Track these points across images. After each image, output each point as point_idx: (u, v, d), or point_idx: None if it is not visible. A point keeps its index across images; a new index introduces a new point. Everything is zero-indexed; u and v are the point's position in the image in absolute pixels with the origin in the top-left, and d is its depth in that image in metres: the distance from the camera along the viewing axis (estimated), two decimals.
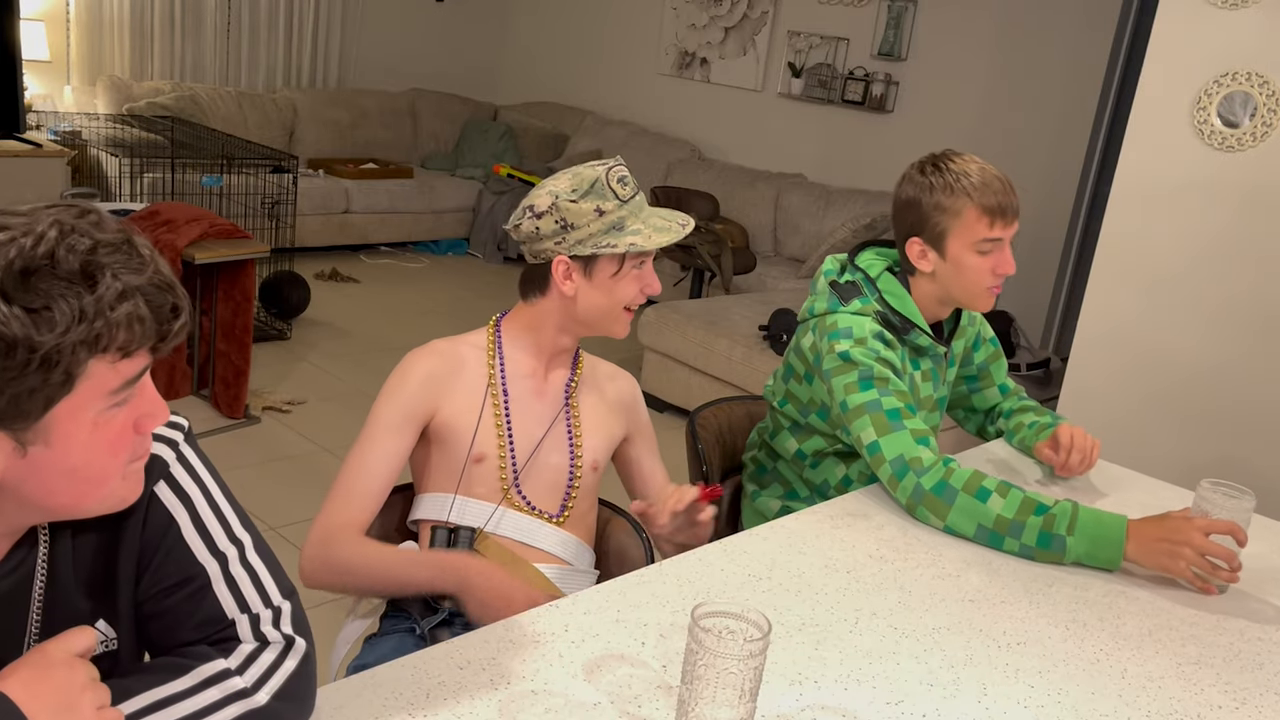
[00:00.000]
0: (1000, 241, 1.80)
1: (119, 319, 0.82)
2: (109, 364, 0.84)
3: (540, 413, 1.66)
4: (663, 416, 4.48)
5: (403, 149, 7.04)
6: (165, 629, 1.01)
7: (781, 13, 6.21)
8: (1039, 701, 1.24)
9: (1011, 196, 1.80)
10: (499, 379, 1.63)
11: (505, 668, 1.17)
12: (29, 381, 0.80)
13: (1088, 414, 3.03)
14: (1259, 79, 2.65)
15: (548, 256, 1.58)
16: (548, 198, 1.55)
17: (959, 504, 1.64)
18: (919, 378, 1.92)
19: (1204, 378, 2.82)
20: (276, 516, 3.16)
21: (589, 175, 1.55)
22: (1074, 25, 5.08)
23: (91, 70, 6.03)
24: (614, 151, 6.74)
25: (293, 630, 1.02)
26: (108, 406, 0.85)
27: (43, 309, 0.79)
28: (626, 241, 1.55)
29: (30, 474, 0.85)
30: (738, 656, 1.01)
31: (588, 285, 1.58)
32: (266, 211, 4.94)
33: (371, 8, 7.06)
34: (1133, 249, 2.91)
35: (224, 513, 1.03)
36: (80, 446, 0.85)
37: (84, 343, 0.81)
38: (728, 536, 1.59)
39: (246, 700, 0.96)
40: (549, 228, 1.55)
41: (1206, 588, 1.58)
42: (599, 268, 1.57)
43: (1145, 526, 1.60)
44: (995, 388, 2.14)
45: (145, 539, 0.99)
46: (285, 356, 4.54)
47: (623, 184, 1.56)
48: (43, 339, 0.79)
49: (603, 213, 1.54)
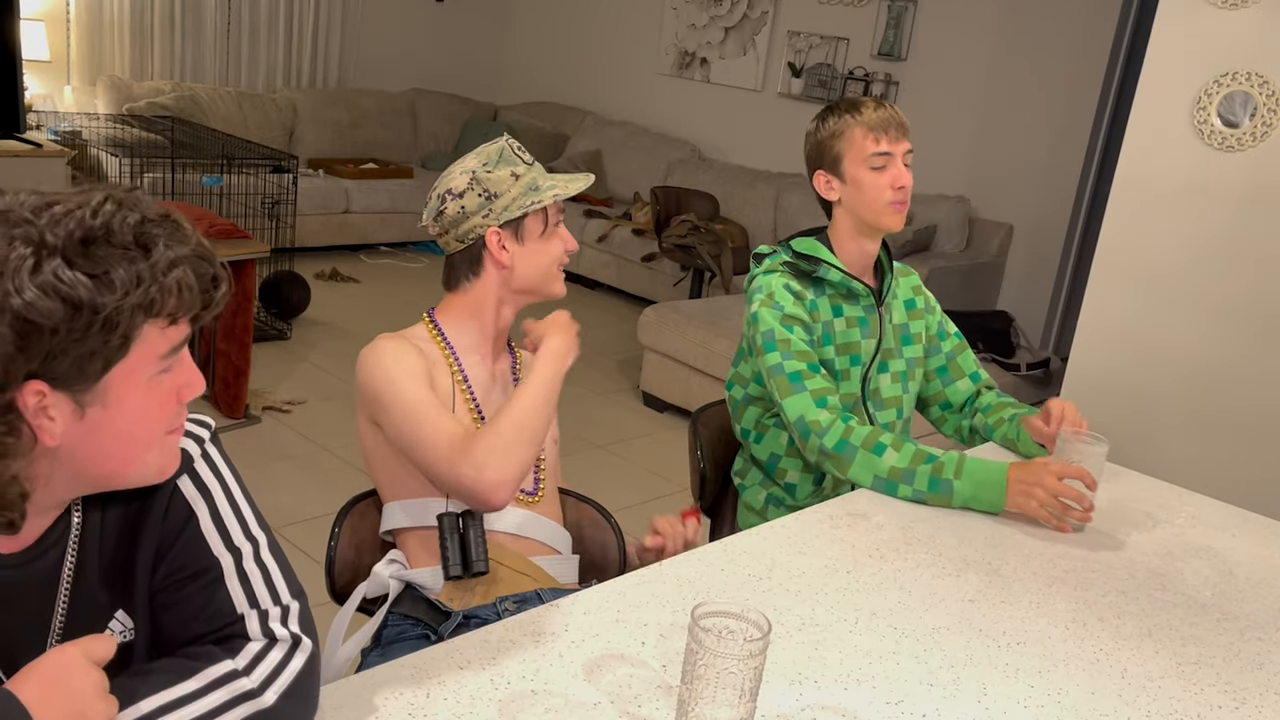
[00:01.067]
0: (890, 155, 1.93)
1: (170, 285, 0.88)
2: (159, 329, 0.89)
3: (498, 400, 1.67)
4: (663, 416, 4.48)
5: (403, 149, 7.04)
6: (176, 620, 1.02)
7: (781, 13, 6.21)
8: (1039, 701, 1.24)
9: (893, 114, 1.94)
10: (459, 370, 1.65)
11: (505, 668, 1.17)
12: (91, 343, 0.85)
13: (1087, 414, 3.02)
14: (1259, 79, 2.65)
15: (477, 234, 1.62)
16: (464, 177, 1.62)
17: (858, 460, 1.81)
18: (841, 324, 1.99)
19: (1204, 377, 2.82)
20: (277, 516, 3.16)
21: (493, 149, 1.64)
22: (1074, 25, 5.08)
23: (91, 70, 6.03)
24: (614, 151, 6.74)
25: (300, 629, 1.03)
26: (157, 371, 0.91)
27: (103, 274, 0.84)
28: (550, 195, 1.62)
29: (86, 436, 0.89)
30: (738, 656, 1.01)
31: (521, 250, 1.64)
32: (266, 211, 4.94)
33: (371, 8, 7.06)
34: (1132, 249, 2.91)
35: (242, 510, 1.06)
36: (133, 408, 0.90)
37: (140, 306, 0.86)
38: (727, 537, 1.59)
39: (254, 701, 0.97)
40: (473, 203, 1.61)
41: (1060, 526, 1.73)
42: (528, 230, 1.63)
43: (1014, 470, 1.75)
44: (966, 378, 2.16)
45: (165, 529, 1.02)
46: (285, 356, 4.54)
47: (522, 150, 1.66)
48: (104, 301, 0.84)
49: (517, 176, 1.62)
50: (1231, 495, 2.74)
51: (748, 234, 5.81)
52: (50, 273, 0.83)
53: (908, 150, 1.95)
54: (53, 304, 0.82)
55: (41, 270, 0.83)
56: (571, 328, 1.66)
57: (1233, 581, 1.64)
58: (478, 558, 1.53)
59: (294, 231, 4.98)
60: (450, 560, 1.53)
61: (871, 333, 2.02)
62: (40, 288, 0.82)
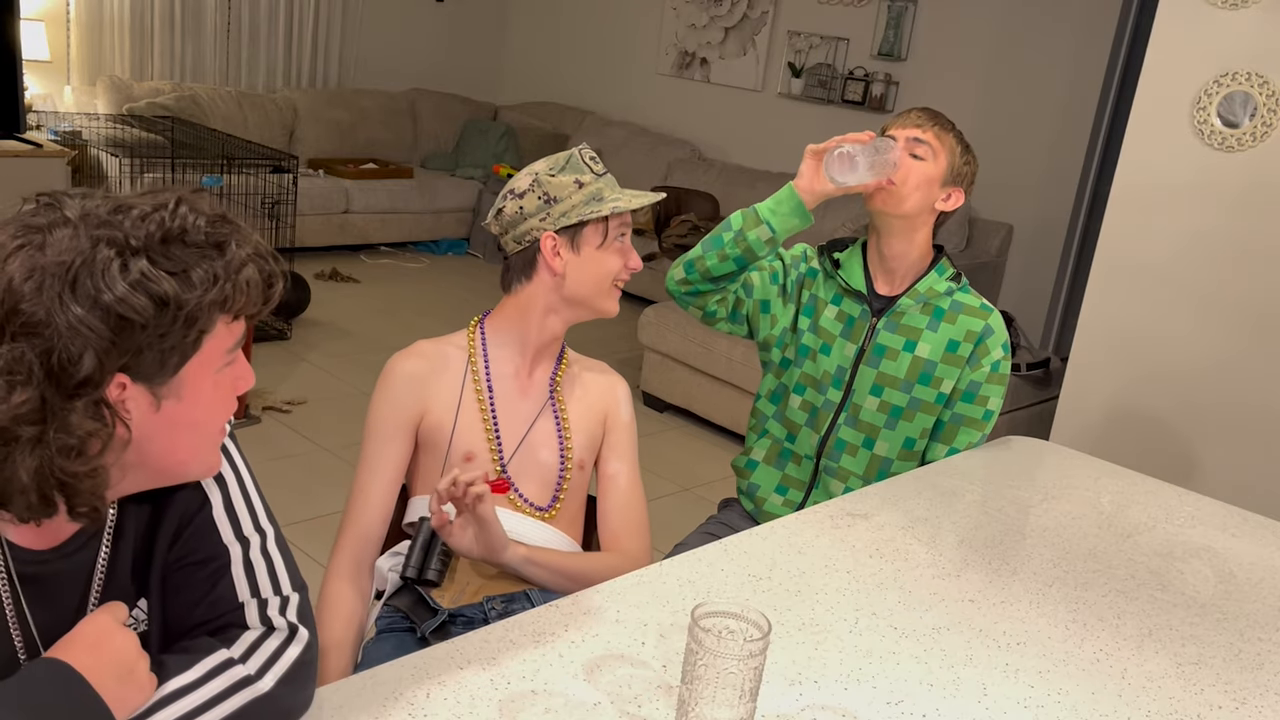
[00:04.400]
0: (893, 139, 1.94)
1: (242, 282, 0.93)
2: (226, 324, 0.94)
3: (525, 410, 1.66)
4: (663, 416, 4.48)
5: (403, 149, 7.04)
6: (180, 605, 1.04)
7: (781, 13, 6.21)
8: (1039, 701, 1.24)
9: (914, 116, 1.97)
10: (483, 376, 1.64)
11: (505, 668, 1.17)
12: (173, 338, 0.89)
13: (1087, 413, 3.03)
14: (1259, 79, 2.65)
15: (533, 237, 1.60)
16: (527, 177, 1.61)
17: (679, 261, 2.00)
18: (832, 313, 2.01)
19: (1204, 377, 2.82)
20: (278, 516, 3.15)
21: (563, 155, 1.62)
22: (1074, 25, 5.08)
23: (91, 70, 6.03)
24: (614, 151, 6.74)
25: (297, 619, 1.05)
26: (223, 365, 0.96)
27: (183, 272, 0.89)
28: (609, 206, 1.60)
29: (160, 429, 0.93)
30: (738, 656, 1.01)
31: (576, 259, 1.61)
32: (266, 211, 4.93)
33: (371, 8, 7.06)
34: (1132, 248, 2.91)
35: (253, 502, 1.10)
36: (205, 401, 0.95)
37: (216, 302, 0.91)
38: (727, 536, 1.59)
39: (252, 687, 0.98)
40: (532, 205, 1.59)
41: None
42: (585, 239, 1.61)
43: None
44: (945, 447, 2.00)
45: (181, 517, 1.04)
46: (285, 356, 4.54)
47: (594, 161, 1.63)
48: (187, 297, 0.89)
49: (581, 184, 1.60)
50: (1231, 495, 2.74)
51: None
52: (138, 271, 0.87)
53: (914, 138, 1.93)
54: (142, 300, 0.87)
55: (130, 269, 0.87)
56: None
57: (1233, 581, 1.64)
58: (431, 567, 1.53)
59: (294, 231, 4.98)
60: (410, 562, 1.54)
61: (854, 337, 1.99)
62: (131, 285, 0.86)
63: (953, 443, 2.00)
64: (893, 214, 1.93)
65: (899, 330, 1.98)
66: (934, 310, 1.98)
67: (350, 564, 1.58)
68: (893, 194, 1.91)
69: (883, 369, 1.97)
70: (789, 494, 2.07)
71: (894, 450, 2.00)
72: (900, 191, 1.91)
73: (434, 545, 1.55)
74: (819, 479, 2.05)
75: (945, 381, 1.97)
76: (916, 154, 1.91)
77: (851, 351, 1.99)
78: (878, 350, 1.98)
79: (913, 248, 1.97)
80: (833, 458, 2.02)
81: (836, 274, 2.02)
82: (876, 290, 2.01)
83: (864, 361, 1.99)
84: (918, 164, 1.91)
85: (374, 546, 1.60)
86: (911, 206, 1.92)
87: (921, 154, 1.91)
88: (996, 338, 1.97)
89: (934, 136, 1.92)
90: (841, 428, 2.00)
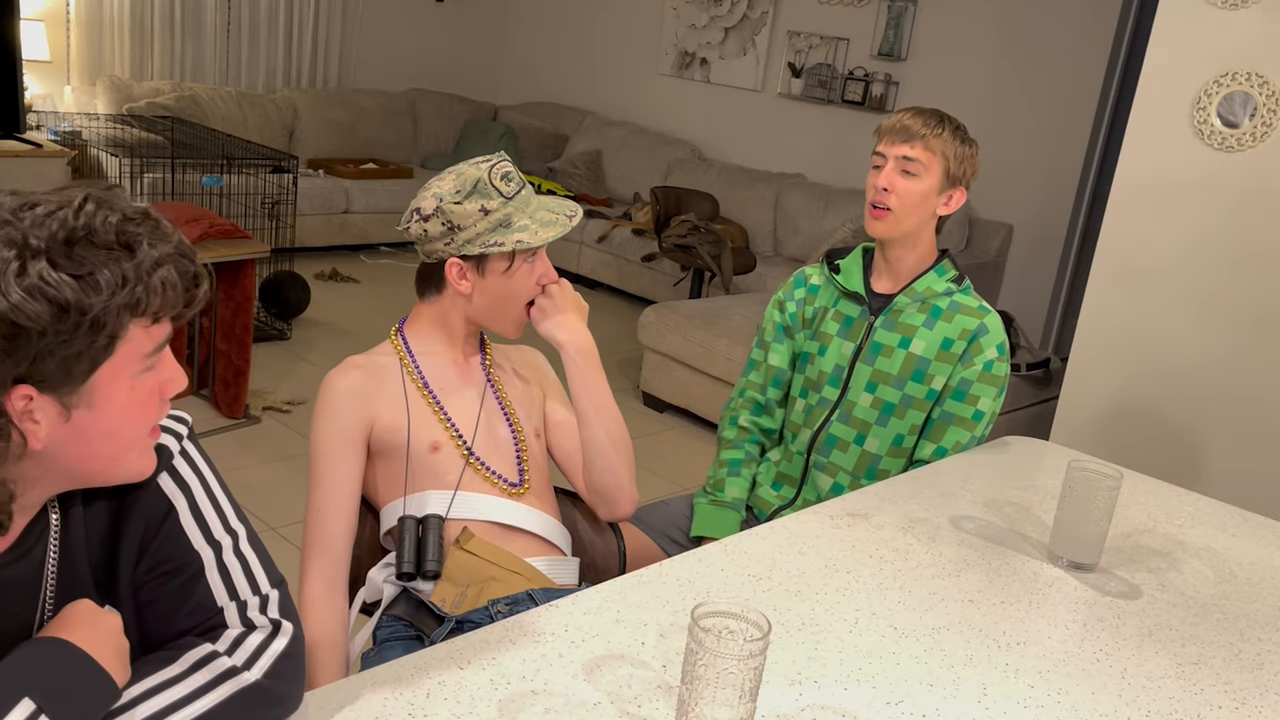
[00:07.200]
0: (883, 158, 1.95)
1: (155, 284, 0.87)
2: (143, 328, 0.89)
3: (470, 395, 1.67)
4: (663, 416, 4.48)
5: (403, 149, 7.04)
6: (159, 617, 1.02)
7: (781, 13, 6.21)
8: (1039, 701, 1.24)
9: (900, 119, 1.94)
10: (418, 376, 1.64)
11: (505, 668, 1.17)
12: (77, 344, 0.84)
13: (1087, 413, 3.03)
14: (1259, 79, 2.65)
15: (440, 257, 1.60)
16: (432, 200, 1.57)
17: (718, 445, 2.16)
18: (832, 315, 2.06)
19: (1203, 377, 2.82)
20: (277, 516, 3.16)
21: (472, 175, 1.56)
22: (1074, 25, 5.08)
23: (91, 70, 6.03)
24: (614, 151, 6.75)
25: (279, 615, 1.04)
26: (141, 370, 0.91)
27: (88, 275, 0.84)
28: (514, 239, 1.56)
29: (72, 438, 0.89)
30: (738, 656, 1.01)
31: (482, 283, 1.60)
32: (266, 211, 4.94)
33: (371, 8, 7.06)
34: (1132, 249, 2.91)
35: (221, 504, 1.06)
36: (119, 408, 0.90)
37: (126, 306, 0.86)
38: (727, 537, 1.59)
39: (237, 678, 0.97)
40: (436, 230, 1.57)
41: None
42: (490, 266, 1.59)
43: None
44: (933, 446, 1.99)
45: (146, 524, 1.02)
46: (285, 356, 4.54)
47: (506, 180, 1.57)
48: (91, 302, 0.84)
49: (487, 211, 1.56)
50: (1232, 495, 2.74)
51: (747, 234, 5.81)
52: (36, 275, 0.82)
53: (903, 156, 1.92)
54: (39, 306, 0.82)
55: (27, 273, 0.82)
56: (575, 310, 1.68)
57: (1233, 581, 1.64)
58: (431, 559, 1.53)
59: (294, 231, 4.98)
60: (404, 559, 1.53)
61: (851, 336, 2.02)
62: (27, 290, 0.81)
63: (941, 441, 1.99)
64: (896, 237, 1.96)
65: (895, 328, 1.99)
66: (931, 309, 1.99)
67: (323, 587, 1.53)
68: (890, 220, 1.93)
69: (878, 366, 1.99)
70: (782, 490, 2.11)
71: (884, 447, 2.01)
72: (897, 215, 1.93)
73: (426, 538, 1.54)
74: (809, 474, 2.07)
75: (937, 378, 1.97)
76: (908, 171, 1.92)
77: (849, 350, 2.01)
78: (874, 348, 2.00)
79: (914, 250, 2.00)
80: (823, 453, 2.04)
81: (835, 279, 2.07)
82: (877, 290, 2.04)
83: (860, 359, 2.00)
84: (911, 183, 1.92)
85: (343, 566, 1.55)
86: (911, 225, 1.95)
87: (913, 170, 1.92)
88: (991, 338, 1.98)
89: (923, 150, 1.91)
90: (834, 424, 2.03)
